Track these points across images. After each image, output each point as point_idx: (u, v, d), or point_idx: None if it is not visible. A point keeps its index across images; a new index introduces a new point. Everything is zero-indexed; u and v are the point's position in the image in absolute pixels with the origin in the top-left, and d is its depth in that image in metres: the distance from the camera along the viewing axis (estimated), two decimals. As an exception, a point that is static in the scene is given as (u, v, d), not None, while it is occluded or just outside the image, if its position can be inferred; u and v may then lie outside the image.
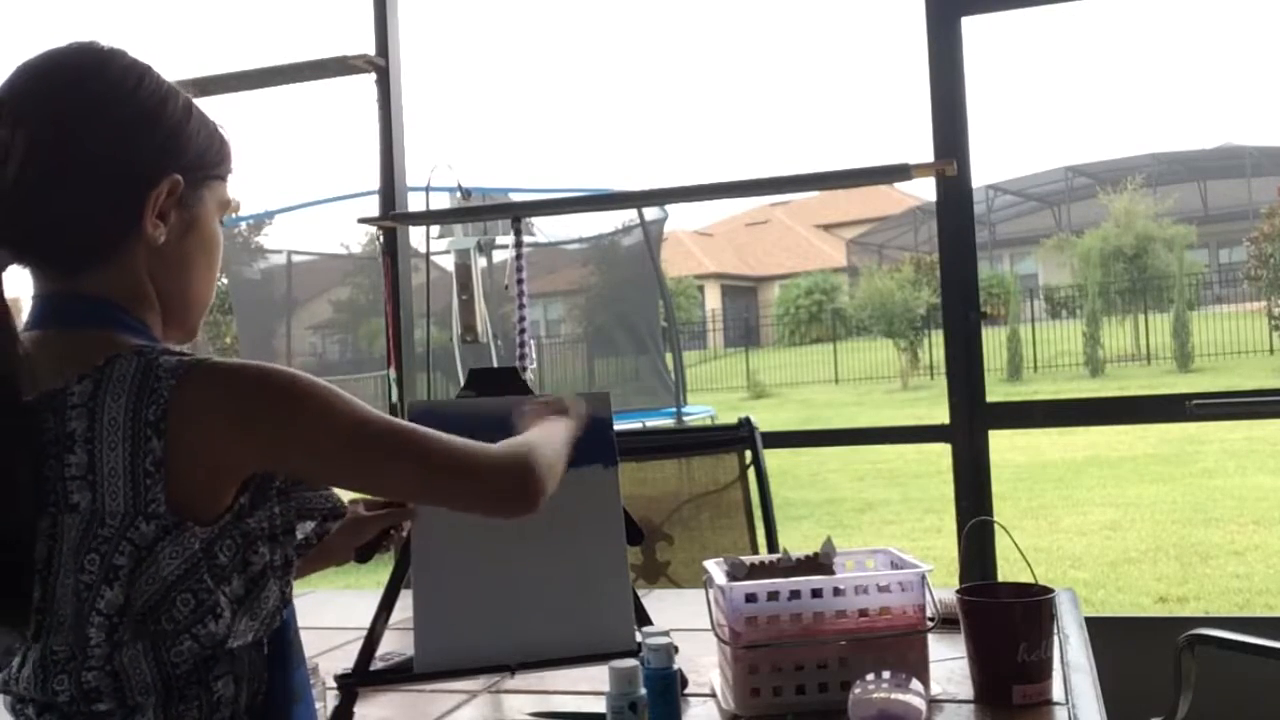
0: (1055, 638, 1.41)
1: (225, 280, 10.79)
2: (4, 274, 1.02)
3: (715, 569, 1.50)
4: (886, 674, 1.27)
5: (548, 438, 1.18)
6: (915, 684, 1.27)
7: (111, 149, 1.04)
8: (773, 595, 1.39)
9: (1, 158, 1.01)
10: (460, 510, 1.08)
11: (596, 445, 1.53)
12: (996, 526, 2.57)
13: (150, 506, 0.95)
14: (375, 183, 3.20)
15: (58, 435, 0.96)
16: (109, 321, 1.04)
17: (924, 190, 28.88)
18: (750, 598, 1.39)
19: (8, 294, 1.01)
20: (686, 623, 1.70)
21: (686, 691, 1.49)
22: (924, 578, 1.41)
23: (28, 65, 1.06)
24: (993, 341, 15.99)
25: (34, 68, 1.06)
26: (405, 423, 1.05)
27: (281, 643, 1.07)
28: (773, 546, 2.49)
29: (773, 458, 2.70)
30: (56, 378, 0.98)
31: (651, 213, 10.32)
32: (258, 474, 1.01)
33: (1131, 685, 1.90)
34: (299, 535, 1.08)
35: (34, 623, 0.97)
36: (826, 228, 30.83)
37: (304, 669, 1.13)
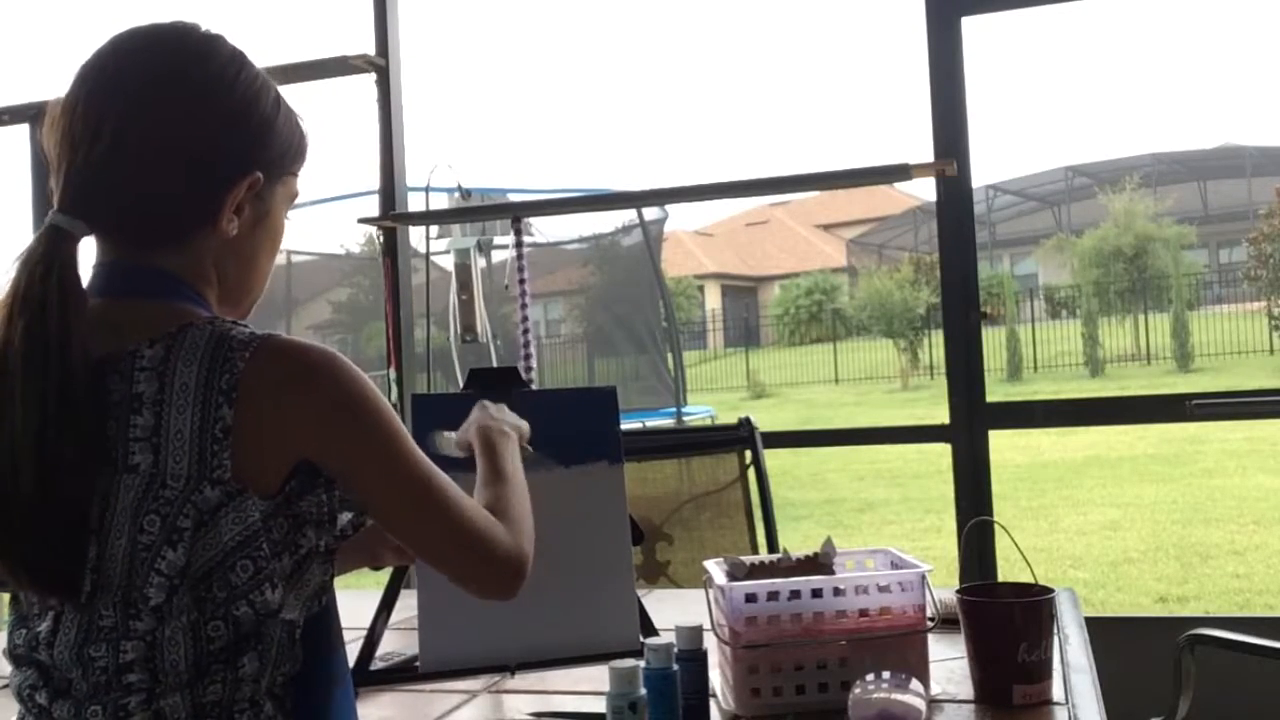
0: (1055, 638, 1.41)
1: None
2: (79, 244, 1.01)
3: (715, 569, 1.49)
4: (886, 674, 1.27)
5: (525, 500, 1.20)
6: (915, 684, 1.27)
7: (202, 143, 1.05)
8: (773, 595, 1.39)
9: (92, 134, 1.01)
10: (453, 581, 1.09)
11: (602, 441, 1.52)
12: (996, 526, 2.57)
13: (215, 473, 0.96)
14: (375, 183, 3.21)
15: (123, 396, 0.97)
16: (176, 294, 1.05)
17: (924, 190, 28.82)
18: (750, 598, 1.39)
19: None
20: (686, 623, 1.70)
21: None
22: (924, 578, 1.41)
23: (124, 43, 1.05)
24: (993, 341, 15.99)
25: (132, 47, 1.05)
26: (448, 489, 1.05)
27: (321, 625, 1.07)
28: (773, 546, 2.49)
29: (773, 458, 2.70)
30: (123, 341, 0.99)
31: (651, 213, 10.32)
32: (307, 459, 1.01)
33: (1131, 685, 1.90)
34: (339, 525, 1.08)
35: (89, 582, 0.96)
36: (826, 228, 30.81)
37: (343, 652, 1.13)
